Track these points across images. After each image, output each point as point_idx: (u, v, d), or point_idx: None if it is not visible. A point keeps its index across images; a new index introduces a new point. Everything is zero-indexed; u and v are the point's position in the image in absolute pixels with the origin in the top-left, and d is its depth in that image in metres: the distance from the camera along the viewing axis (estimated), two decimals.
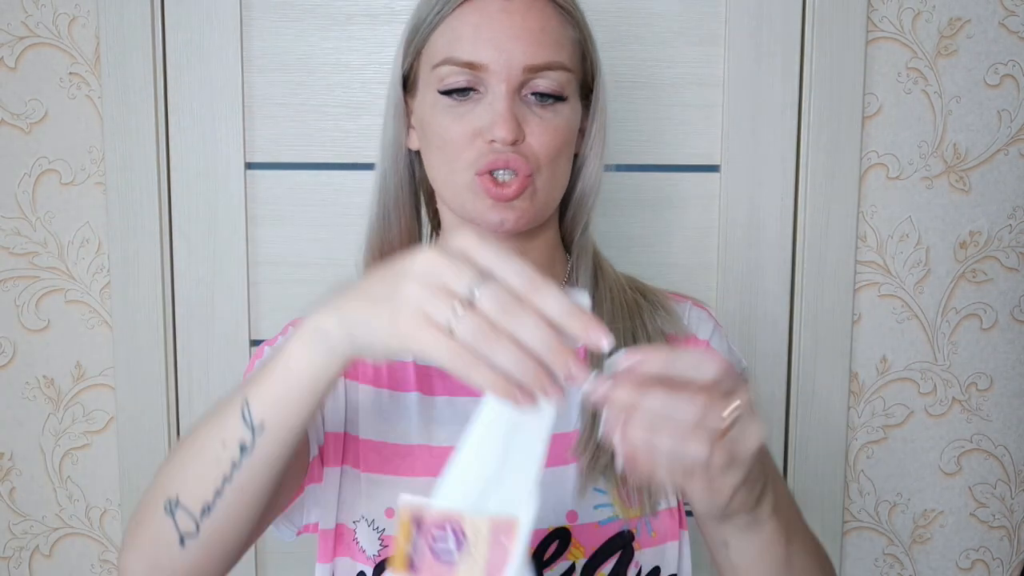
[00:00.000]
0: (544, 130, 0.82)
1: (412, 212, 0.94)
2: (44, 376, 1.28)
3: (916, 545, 1.35)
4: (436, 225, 0.97)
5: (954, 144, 1.27)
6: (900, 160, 1.27)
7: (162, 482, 0.67)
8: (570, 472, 0.86)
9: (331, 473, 0.86)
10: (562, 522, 0.84)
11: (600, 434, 0.59)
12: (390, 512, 0.86)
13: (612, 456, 0.85)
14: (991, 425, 1.33)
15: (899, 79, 1.26)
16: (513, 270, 0.56)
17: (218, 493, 0.64)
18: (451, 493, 0.57)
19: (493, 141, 0.81)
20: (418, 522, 0.57)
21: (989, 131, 1.27)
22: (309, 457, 0.85)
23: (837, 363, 1.28)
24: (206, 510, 0.65)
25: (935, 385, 1.31)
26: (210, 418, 0.66)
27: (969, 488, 1.34)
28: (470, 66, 0.81)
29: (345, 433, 0.87)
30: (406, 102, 0.90)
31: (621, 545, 0.85)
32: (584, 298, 0.57)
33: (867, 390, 1.31)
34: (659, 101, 1.25)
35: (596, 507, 0.85)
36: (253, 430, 0.63)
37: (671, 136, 1.26)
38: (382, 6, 1.23)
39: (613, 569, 0.85)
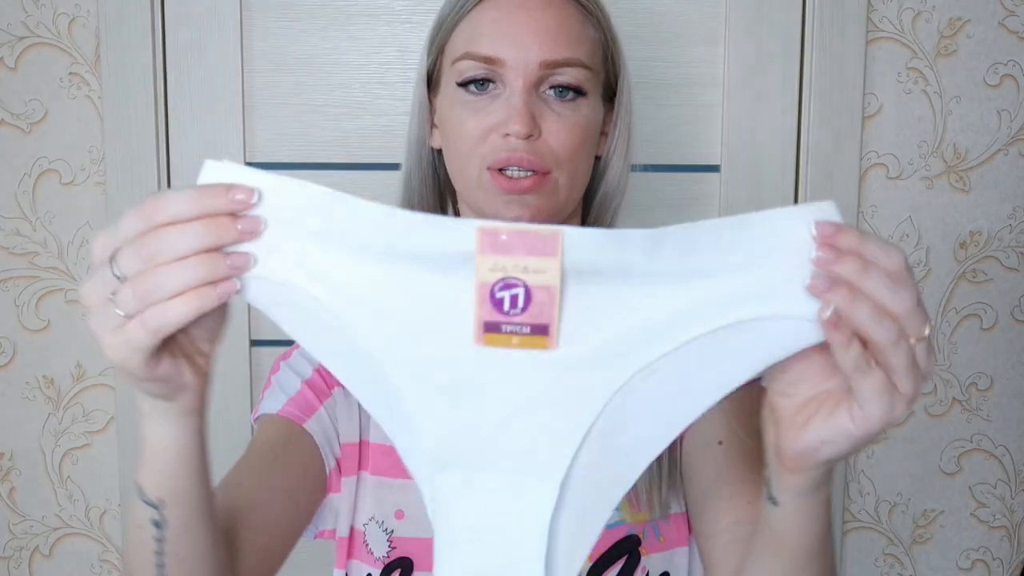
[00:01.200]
0: (562, 127, 0.82)
1: (437, 211, 0.94)
2: (44, 376, 1.28)
3: (916, 545, 1.35)
4: None
5: (954, 144, 1.27)
6: (900, 160, 1.27)
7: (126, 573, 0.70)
8: None
9: (348, 483, 0.87)
10: None
11: (808, 284, 0.53)
12: (400, 514, 0.86)
13: None
14: (991, 425, 1.33)
15: (899, 79, 1.26)
16: (132, 217, 0.53)
17: (160, 567, 0.66)
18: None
19: (508, 135, 0.80)
20: (507, 332, 0.55)
21: (989, 131, 1.27)
22: (326, 471, 0.85)
23: None
24: None
25: (935, 385, 1.31)
26: (127, 506, 0.68)
27: (969, 488, 1.34)
28: (488, 60, 0.81)
29: (360, 441, 0.88)
30: (430, 100, 0.90)
31: (627, 549, 0.85)
32: (215, 168, 0.55)
33: None
34: (659, 101, 1.25)
35: None
36: (156, 507, 0.65)
37: (671, 136, 1.25)
38: (382, 6, 1.23)
39: (619, 574, 0.84)
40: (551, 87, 0.82)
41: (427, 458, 0.60)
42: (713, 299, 0.56)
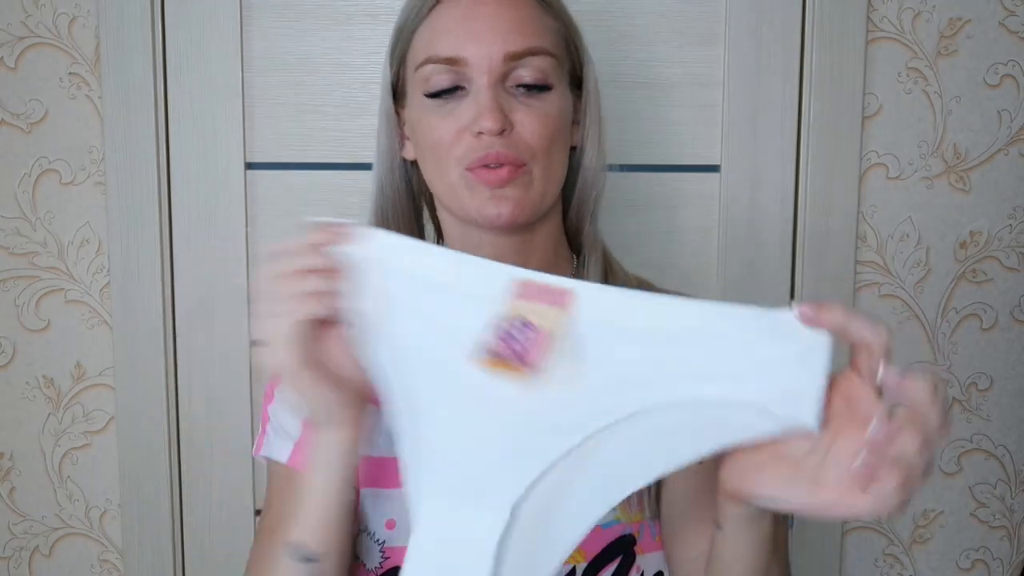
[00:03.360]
0: (532, 118, 0.81)
1: (413, 222, 0.94)
2: (44, 376, 1.28)
3: (916, 545, 1.35)
4: (441, 234, 0.97)
5: (954, 144, 1.27)
6: (900, 160, 1.27)
7: None
8: None
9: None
10: None
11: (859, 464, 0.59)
12: (391, 524, 0.85)
13: None
14: (991, 425, 1.33)
15: (899, 79, 1.26)
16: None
17: None
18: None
19: (481, 134, 0.80)
20: (496, 355, 0.62)
21: (989, 131, 1.27)
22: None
23: (838, 363, 1.28)
24: None
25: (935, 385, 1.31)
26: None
27: (969, 488, 1.34)
28: (451, 61, 0.80)
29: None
30: (397, 112, 0.90)
31: (622, 549, 0.85)
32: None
33: None
34: (659, 101, 1.25)
35: None
36: (316, 561, 0.73)
37: (671, 136, 1.26)
38: (382, 6, 1.23)
39: (614, 573, 0.84)
40: (518, 84, 0.82)
41: (420, 479, 0.66)
42: (704, 375, 0.59)
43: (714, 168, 1.26)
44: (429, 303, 0.64)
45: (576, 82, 0.89)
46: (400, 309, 0.65)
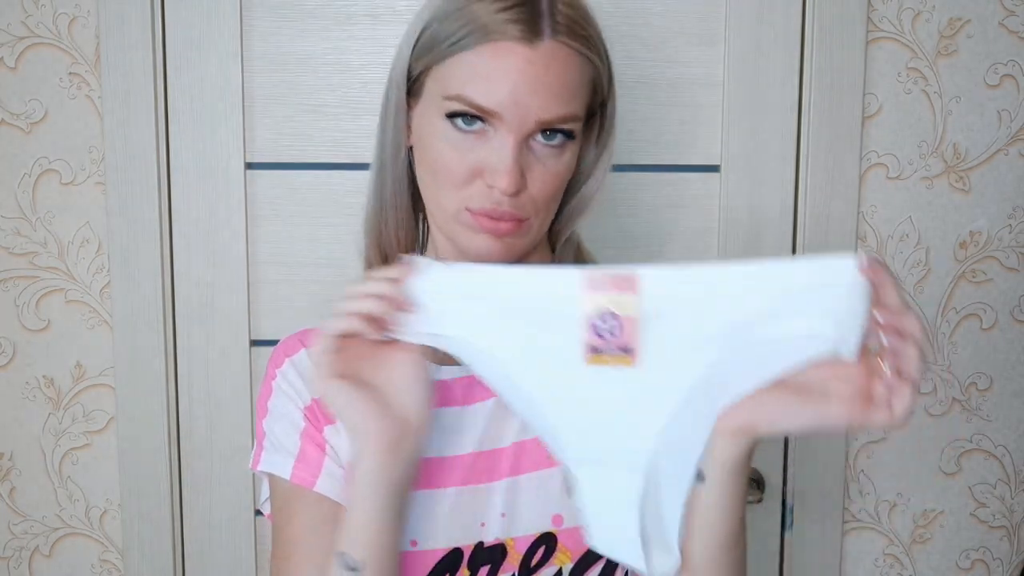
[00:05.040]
0: (545, 177, 0.81)
1: (409, 208, 0.93)
2: (44, 376, 1.28)
3: (916, 545, 1.35)
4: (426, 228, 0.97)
5: (954, 144, 1.27)
6: (900, 160, 1.27)
7: None
8: (555, 475, 0.85)
9: None
10: (548, 527, 0.83)
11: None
12: None
13: None
14: (991, 425, 1.33)
15: (899, 79, 1.26)
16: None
17: None
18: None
19: (493, 188, 0.79)
20: (598, 351, 0.70)
21: (989, 131, 1.27)
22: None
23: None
24: None
25: (935, 385, 1.31)
26: None
27: (969, 488, 1.34)
28: (483, 111, 0.78)
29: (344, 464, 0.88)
30: (408, 103, 0.89)
31: None
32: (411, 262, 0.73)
33: None
34: (659, 101, 1.25)
35: None
36: (357, 569, 0.75)
37: (671, 136, 1.26)
38: (383, 6, 1.23)
39: (600, 574, 0.84)
40: (541, 132, 0.80)
41: (563, 453, 0.76)
42: (765, 318, 0.68)
43: (714, 168, 1.26)
44: (519, 320, 0.71)
45: (594, 109, 0.87)
46: (493, 330, 0.72)
